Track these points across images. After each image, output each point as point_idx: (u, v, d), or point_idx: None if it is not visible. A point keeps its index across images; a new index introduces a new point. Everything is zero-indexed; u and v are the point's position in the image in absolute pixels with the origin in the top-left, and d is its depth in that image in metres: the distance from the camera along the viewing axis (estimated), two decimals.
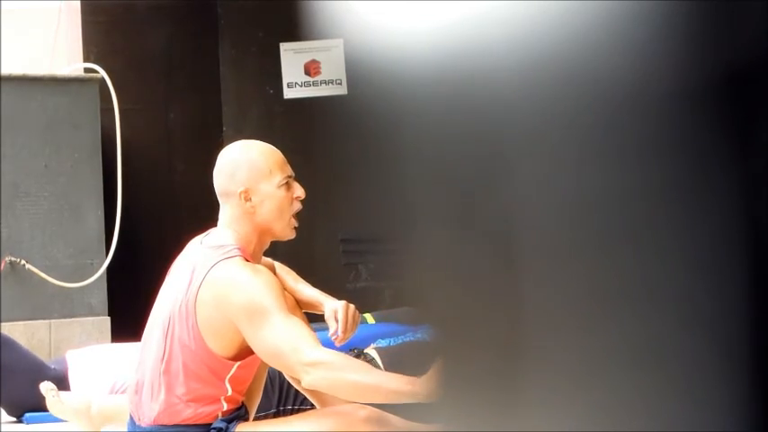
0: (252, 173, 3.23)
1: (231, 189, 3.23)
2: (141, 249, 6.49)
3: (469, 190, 1.11)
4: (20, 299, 5.99)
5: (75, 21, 6.75)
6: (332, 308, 3.36)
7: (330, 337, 3.33)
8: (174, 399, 3.17)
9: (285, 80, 6.88)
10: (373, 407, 3.18)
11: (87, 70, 6.40)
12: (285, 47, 6.88)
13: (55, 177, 6.10)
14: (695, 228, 0.98)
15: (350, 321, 3.34)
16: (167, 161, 6.87)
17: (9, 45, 6.79)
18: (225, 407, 3.18)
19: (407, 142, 1.16)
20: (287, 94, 6.89)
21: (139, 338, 3.34)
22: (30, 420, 4.92)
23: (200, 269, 3.16)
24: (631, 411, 1.01)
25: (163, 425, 3.18)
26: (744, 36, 0.96)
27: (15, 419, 5.02)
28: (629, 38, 0.99)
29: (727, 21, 0.97)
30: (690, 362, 0.98)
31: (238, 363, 3.16)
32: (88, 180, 6.17)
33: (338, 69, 6.82)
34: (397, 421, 3.20)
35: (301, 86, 6.89)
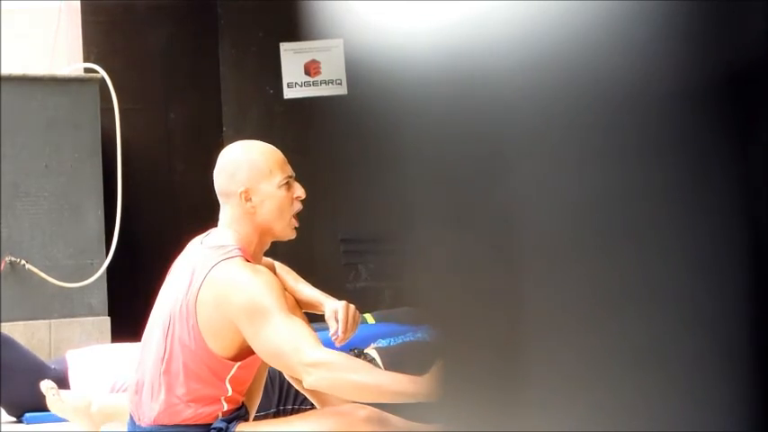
0: (252, 173, 3.23)
1: (231, 189, 3.23)
2: (141, 249, 6.48)
3: (469, 190, 1.11)
4: (20, 299, 5.99)
5: (75, 21, 6.75)
6: (332, 308, 3.36)
7: (330, 338, 3.33)
8: (175, 399, 3.16)
9: (285, 80, 6.88)
10: (373, 407, 3.18)
11: (87, 70, 6.40)
12: (285, 47, 6.88)
13: (55, 177, 6.09)
14: (696, 228, 0.98)
15: (350, 321, 3.33)
16: (167, 161, 6.87)
17: (9, 45, 6.79)
18: (225, 407, 3.18)
19: (407, 142, 1.16)
20: (287, 94, 6.89)
21: (139, 338, 3.34)
22: (30, 420, 4.92)
23: (200, 269, 3.16)
24: (632, 411, 1.01)
25: (163, 425, 3.17)
26: (744, 36, 0.96)
27: (15, 419, 5.02)
28: (629, 38, 0.99)
29: (727, 21, 0.97)
30: (690, 362, 0.98)
31: (239, 363, 3.15)
32: (88, 180, 6.17)
33: (338, 69, 6.82)
34: (398, 421, 3.20)
35: (301, 86, 6.89)
